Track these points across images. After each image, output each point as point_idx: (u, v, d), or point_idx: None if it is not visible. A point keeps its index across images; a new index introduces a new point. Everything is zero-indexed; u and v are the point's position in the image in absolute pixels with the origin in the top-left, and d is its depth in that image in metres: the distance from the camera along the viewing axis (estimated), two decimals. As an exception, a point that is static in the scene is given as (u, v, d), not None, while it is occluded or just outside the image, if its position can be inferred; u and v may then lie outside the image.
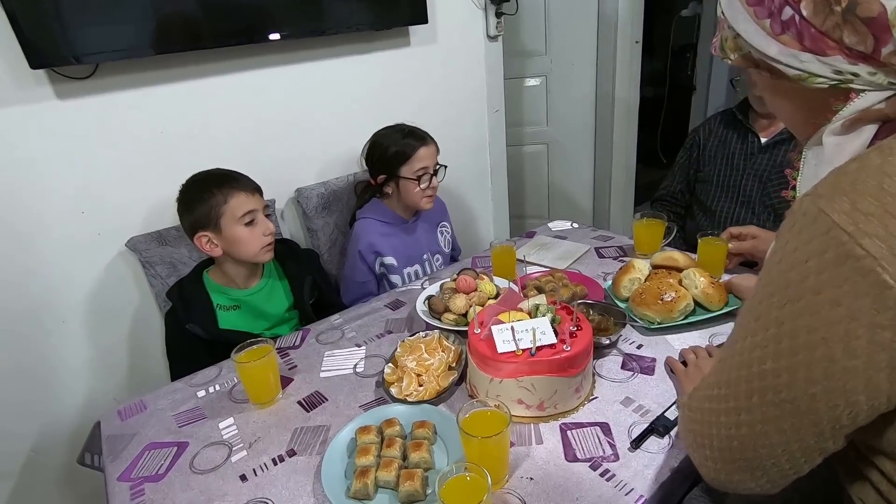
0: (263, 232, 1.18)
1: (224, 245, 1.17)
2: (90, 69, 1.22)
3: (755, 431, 0.48)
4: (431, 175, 1.41)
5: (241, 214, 1.15)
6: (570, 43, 2.62)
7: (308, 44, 1.55)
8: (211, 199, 1.14)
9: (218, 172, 1.21)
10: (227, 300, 1.22)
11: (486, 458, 0.69)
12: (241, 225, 1.15)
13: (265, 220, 1.19)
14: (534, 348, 0.81)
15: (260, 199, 1.20)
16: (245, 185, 1.18)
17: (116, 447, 0.88)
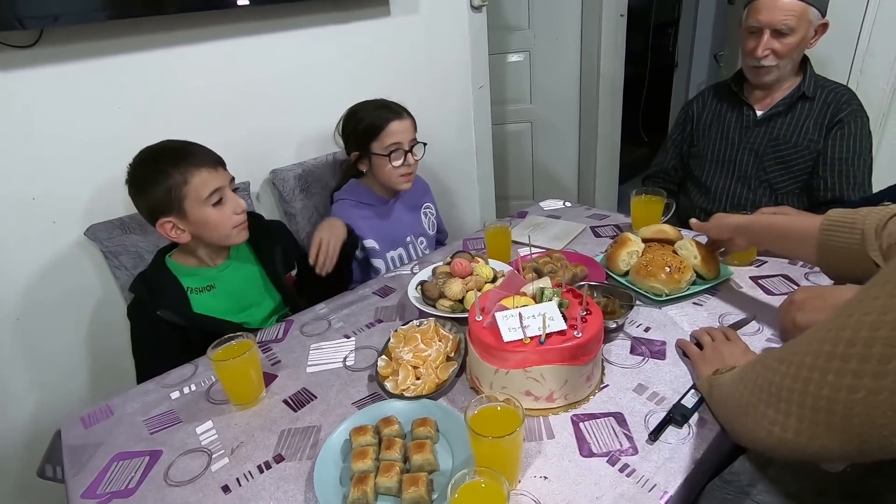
0: (234, 210, 1.06)
1: (192, 230, 1.05)
2: (34, 36, 1.09)
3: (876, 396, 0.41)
4: (406, 152, 1.32)
5: (207, 195, 1.01)
6: (553, 17, 2.53)
7: (281, 11, 1.42)
8: (167, 179, 0.99)
9: (170, 146, 1.04)
10: (198, 282, 1.10)
11: (498, 459, 0.63)
12: (209, 206, 1.02)
13: (234, 197, 1.06)
14: (543, 336, 0.75)
15: (225, 174, 1.06)
16: (205, 158, 1.03)
17: (80, 458, 0.79)
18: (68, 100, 1.17)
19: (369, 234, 1.36)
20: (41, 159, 1.16)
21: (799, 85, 1.38)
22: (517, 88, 2.70)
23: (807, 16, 1.27)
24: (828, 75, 1.43)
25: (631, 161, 3.19)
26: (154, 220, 1.03)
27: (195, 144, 1.06)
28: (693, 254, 1.06)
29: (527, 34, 2.59)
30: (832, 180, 1.34)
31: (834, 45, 1.71)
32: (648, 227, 1.16)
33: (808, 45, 1.33)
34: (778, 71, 1.34)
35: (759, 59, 1.32)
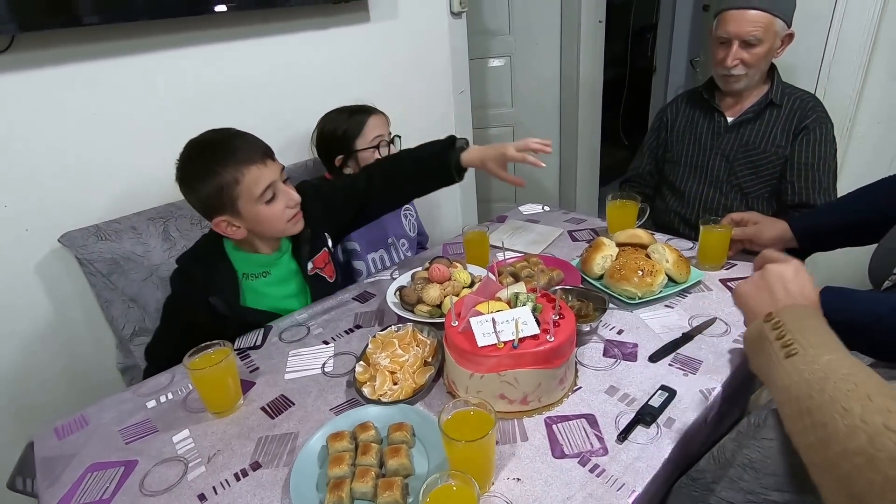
0: (287, 204, 1.02)
1: (247, 226, 1.02)
2: (5, 42, 1.07)
3: None
4: (388, 143, 1.38)
5: (260, 192, 0.98)
6: (533, 22, 2.57)
7: (259, 17, 1.42)
8: (218, 179, 0.95)
9: (217, 141, 0.99)
10: (254, 268, 1.09)
11: (471, 463, 0.65)
12: (262, 203, 0.99)
13: (286, 190, 1.02)
14: (516, 340, 0.76)
15: (275, 165, 1.01)
16: (253, 153, 0.98)
17: (53, 470, 0.78)
18: (42, 106, 1.15)
19: (351, 235, 1.37)
20: (13, 166, 1.14)
21: (767, 92, 1.42)
22: (498, 93, 2.72)
23: (773, 27, 1.31)
24: (796, 83, 1.48)
25: (612, 164, 3.24)
26: (209, 217, 1.01)
27: (241, 136, 1.01)
28: (665, 257, 1.08)
29: (507, 39, 2.62)
30: (799, 185, 1.38)
31: (802, 54, 1.77)
32: (623, 231, 1.19)
33: (775, 54, 1.38)
34: (747, 79, 1.38)
35: (729, 68, 1.36)
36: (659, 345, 0.92)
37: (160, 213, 1.30)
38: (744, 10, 1.31)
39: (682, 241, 1.29)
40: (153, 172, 1.31)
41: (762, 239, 1.15)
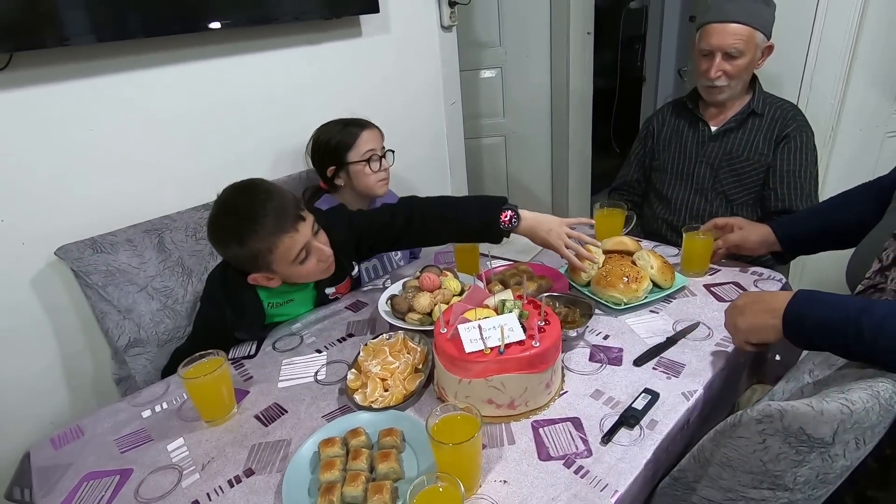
0: (319, 259, 1.03)
1: (281, 279, 1.05)
2: (3, 60, 1.10)
3: None
4: (380, 157, 1.41)
5: (294, 257, 0.99)
6: (523, 34, 2.62)
7: (253, 33, 1.46)
8: (249, 248, 0.96)
9: (246, 207, 0.97)
10: (279, 297, 1.13)
11: (458, 465, 0.66)
12: (295, 265, 1.00)
13: (318, 247, 1.02)
14: (502, 346, 0.79)
15: (305, 226, 0.99)
16: (285, 220, 0.96)
17: (49, 479, 0.79)
18: (38, 122, 1.17)
19: None
20: (10, 180, 1.16)
21: (749, 102, 1.46)
22: (490, 103, 2.76)
23: (754, 39, 1.36)
24: (780, 92, 1.52)
25: (604, 172, 3.27)
26: (244, 272, 1.03)
27: (271, 199, 0.97)
28: (650, 264, 1.11)
29: (498, 51, 2.67)
30: (782, 192, 1.41)
31: (784, 64, 1.81)
32: (609, 238, 1.22)
33: (756, 65, 1.42)
34: (730, 90, 1.42)
35: (712, 79, 1.40)
36: (644, 349, 0.94)
37: (155, 225, 1.32)
38: (725, 23, 1.35)
39: (669, 248, 1.32)
40: (148, 186, 1.33)
41: (748, 244, 1.18)
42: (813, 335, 0.72)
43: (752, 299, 0.83)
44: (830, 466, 0.62)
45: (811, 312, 0.72)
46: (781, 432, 0.60)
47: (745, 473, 0.65)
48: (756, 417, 0.61)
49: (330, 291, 1.20)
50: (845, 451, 0.61)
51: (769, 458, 0.62)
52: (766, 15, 1.37)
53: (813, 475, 0.63)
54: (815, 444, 0.60)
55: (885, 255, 0.78)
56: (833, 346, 0.71)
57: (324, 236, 1.06)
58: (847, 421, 0.59)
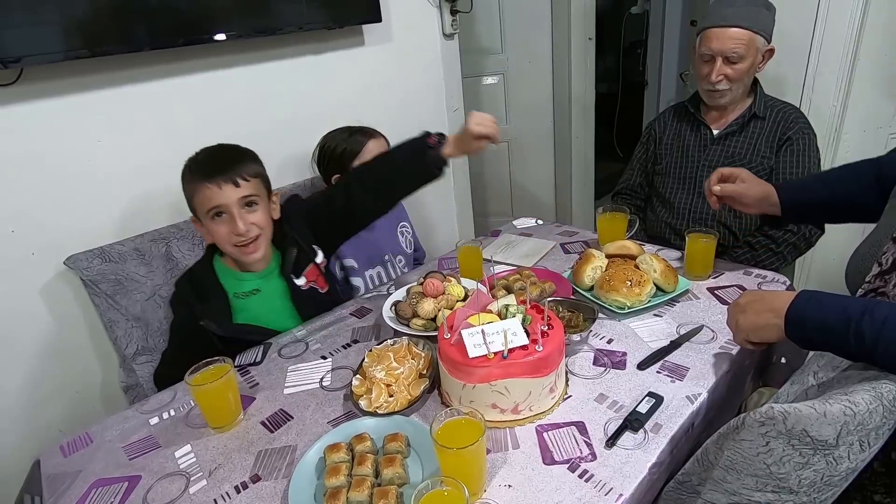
0: (232, 230, 1.05)
1: (209, 235, 1.10)
2: (14, 74, 1.12)
3: None
4: None
5: (206, 210, 1.06)
6: (525, 40, 2.64)
7: (257, 44, 1.48)
8: (188, 185, 1.07)
9: (211, 152, 1.10)
10: (243, 287, 1.13)
11: (463, 470, 0.67)
12: (209, 219, 1.07)
13: (235, 218, 1.05)
14: (505, 351, 0.79)
15: (232, 191, 1.04)
16: (219, 172, 1.04)
17: (59, 487, 0.80)
18: (49, 134, 1.20)
19: (348, 253, 1.40)
20: (21, 192, 1.18)
21: (750, 105, 1.46)
22: (493, 109, 2.78)
23: (754, 43, 1.36)
24: (782, 95, 1.52)
25: (607, 176, 3.28)
26: (191, 212, 1.11)
27: (227, 154, 1.09)
28: (653, 268, 1.11)
29: (500, 58, 2.69)
30: (785, 193, 1.41)
31: (787, 67, 1.82)
32: (612, 243, 1.22)
33: (757, 69, 1.42)
34: (731, 94, 1.43)
35: (713, 83, 1.40)
36: (647, 353, 0.94)
37: (162, 234, 1.33)
38: (726, 27, 1.36)
39: (672, 252, 1.32)
40: (155, 195, 1.35)
41: (746, 198, 1.12)
42: (814, 336, 0.72)
43: (755, 298, 0.82)
44: (835, 469, 0.62)
45: (813, 313, 0.72)
46: (784, 434, 0.60)
47: (749, 476, 0.65)
48: (759, 420, 0.61)
49: (300, 282, 1.17)
50: (849, 452, 0.61)
51: (773, 461, 0.62)
52: (766, 19, 1.38)
53: (818, 477, 0.63)
54: (818, 446, 0.60)
55: (884, 259, 0.78)
56: (835, 348, 0.71)
57: (259, 217, 1.08)
58: (850, 422, 0.59)
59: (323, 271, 1.23)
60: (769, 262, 1.43)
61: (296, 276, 1.17)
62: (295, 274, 1.17)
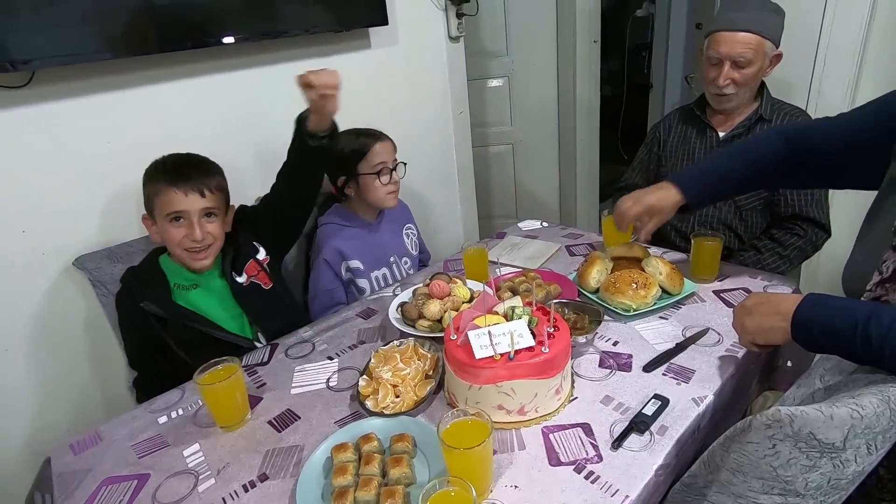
0: (185, 235, 1.11)
1: (159, 235, 1.15)
2: (26, 76, 1.14)
3: None
4: (391, 170, 1.40)
5: (165, 213, 1.11)
6: (530, 44, 2.64)
7: (265, 47, 1.49)
8: (151, 186, 1.12)
9: (178, 158, 1.15)
10: (183, 280, 1.17)
11: (469, 470, 0.67)
12: (166, 223, 1.12)
13: (192, 226, 1.10)
14: (512, 352, 0.79)
15: (196, 200, 1.11)
16: (182, 180, 1.10)
17: (69, 485, 0.81)
18: (59, 136, 1.21)
19: (354, 254, 1.41)
20: (31, 193, 1.20)
21: (757, 108, 1.46)
22: (498, 112, 2.79)
23: (762, 48, 1.36)
24: (788, 98, 1.52)
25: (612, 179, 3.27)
26: (146, 210, 1.15)
27: (193, 165, 1.15)
28: (659, 270, 1.12)
29: (505, 60, 2.70)
30: (792, 197, 1.41)
31: (792, 70, 1.81)
32: (617, 245, 1.23)
33: (764, 73, 1.42)
34: (738, 98, 1.42)
35: (720, 87, 1.40)
36: (653, 355, 0.95)
37: (170, 235, 1.34)
38: (734, 31, 1.35)
39: (678, 254, 1.32)
40: (164, 196, 1.36)
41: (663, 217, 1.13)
42: (821, 339, 0.72)
43: (761, 300, 0.83)
44: (842, 472, 0.62)
45: (819, 316, 0.72)
46: (791, 437, 0.60)
47: (755, 479, 0.65)
48: (765, 422, 0.61)
49: (241, 279, 1.21)
50: (856, 456, 0.61)
51: (779, 464, 0.62)
52: (775, 24, 1.37)
53: (824, 481, 0.63)
54: (825, 448, 0.60)
55: (885, 268, 0.77)
56: (841, 351, 0.71)
57: (215, 228, 1.15)
58: (857, 426, 0.59)
59: (266, 268, 1.27)
60: (775, 265, 1.43)
61: (237, 274, 1.21)
62: (236, 271, 1.21)
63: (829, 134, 1.00)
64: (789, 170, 1.06)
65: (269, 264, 1.28)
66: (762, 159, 1.07)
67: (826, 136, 1.00)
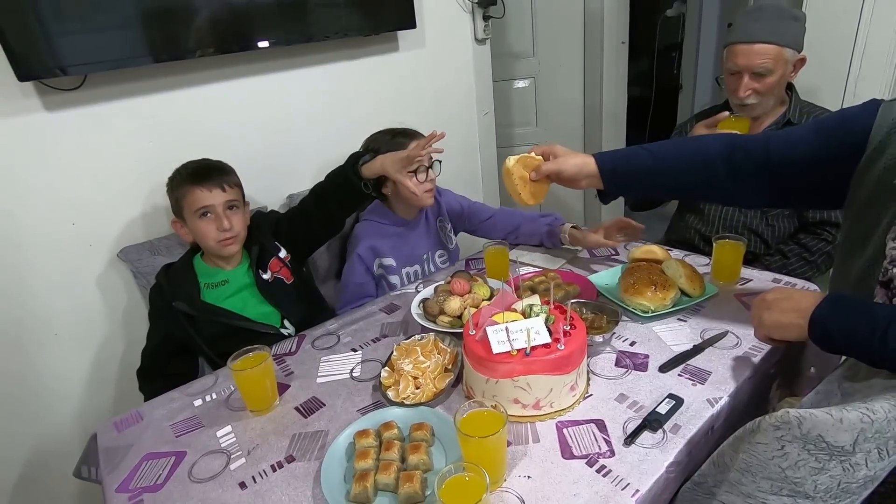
0: (217, 227, 1.20)
1: (191, 234, 1.24)
2: (78, 80, 1.22)
3: None
4: (427, 168, 1.40)
5: (195, 209, 1.20)
6: (557, 45, 2.65)
7: (297, 51, 1.55)
8: (177, 190, 1.21)
9: (197, 163, 1.24)
10: (214, 278, 1.26)
11: (483, 458, 0.70)
12: (197, 218, 1.20)
13: (221, 217, 1.20)
14: (528, 348, 0.82)
15: (220, 194, 1.21)
16: (205, 179, 1.20)
17: (114, 459, 0.88)
18: (106, 136, 1.30)
19: (388, 252, 1.43)
20: (81, 189, 1.29)
21: (784, 112, 1.44)
22: (523, 113, 2.80)
23: (782, 56, 1.33)
24: (821, 102, 1.49)
25: (637, 181, 3.25)
26: (174, 215, 1.25)
27: (213, 167, 1.24)
28: (679, 273, 1.12)
29: (532, 62, 2.71)
30: (820, 202, 1.39)
31: (826, 73, 1.78)
32: (638, 247, 1.24)
33: (788, 78, 1.40)
34: (761, 106, 1.40)
35: (741, 98, 1.38)
36: (670, 356, 0.96)
37: (206, 230, 1.42)
38: (751, 43, 1.33)
39: (701, 258, 1.32)
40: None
41: (564, 172, 1.07)
42: (838, 340, 0.72)
43: (782, 296, 0.82)
44: (852, 476, 0.63)
45: (838, 317, 0.72)
46: (800, 439, 0.61)
47: (764, 479, 0.66)
48: (774, 424, 0.62)
49: (266, 276, 1.29)
50: (867, 460, 0.62)
51: (788, 465, 0.63)
52: (794, 31, 1.34)
53: (834, 484, 0.64)
54: (834, 451, 0.61)
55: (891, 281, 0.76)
56: (858, 354, 0.71)
57: (238, 219, 1.24)
58: (868, 430, 0.60)
59: (288, 265, 1.34)
60: (802, 271, 1.41)
61: (263, 271, 1.29)
62: (261, 269, 1.29)
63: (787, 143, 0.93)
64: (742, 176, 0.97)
65: (290, 261, 1.35)
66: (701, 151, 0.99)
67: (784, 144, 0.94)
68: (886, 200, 0.80)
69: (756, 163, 0.95)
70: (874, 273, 0.79)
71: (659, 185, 1.06)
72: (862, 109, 0.88)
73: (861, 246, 0.85)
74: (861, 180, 0.86)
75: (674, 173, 1.02)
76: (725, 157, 0.97)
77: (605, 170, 1.05)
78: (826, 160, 0.90)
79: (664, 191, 1.15)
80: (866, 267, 0.82)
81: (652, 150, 1.04)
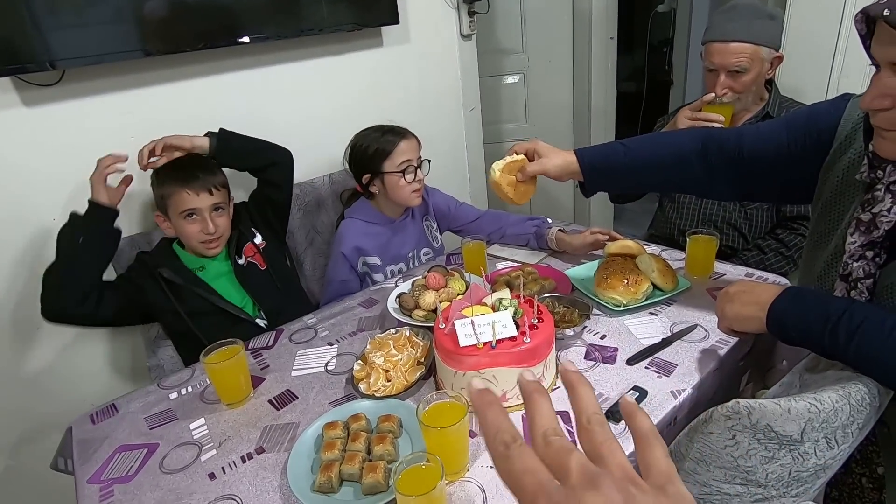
0: (201, 230, 1.22)
1: (174, 230, 1.25)
2: (56, 75, 1.22)
3: None
4: (416, 168, 1.39)
5: (180, 211, 1.21)
6: (546, 40, 2.65)
7: (280, 45, 1.56)
8: (163, 189, 1.22)
9: (183, 162, 1.24)
10: (192, 263, 1.28)
11: (445, 449, 0.71)
12: (182, 219, 1.22)
13: (206, 220, 1.22)
14: (494, 341, 0.83)
15: (206, 198, 1.22)
16: (192, 181, 1.20)
17: (87, 451, 0.89)
18: (86, 131, 1.30)
19: (373, 251, 1.43)
20: (60, 184, 1.29)
21: (763, 107, 1.45)
22: (513, 109, 2.80)
23: (758, 55, 1.34)
24: (804, 98, 1.50)
25: (628, 177, 3.26)
26: (158, 210, 1.26)
27: (201, 167, 1.24)
28: (652, 267, 1.13)
29: (521, 57, 2.71)
30: (797, 197, 1.40)
31: (809, 69, 1.78)
32: (614, 242, 1.25)
33: (766, 75, 1.40)
34: (740, 103, 1.41)
35: (718, 96, 1.39)
36: (638, 349, 0.97)
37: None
38: (727, 42, 1.33)
39: (678, 252, 1.33)
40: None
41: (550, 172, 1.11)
42: (793, 333, 0.74)
43: (744, 289, 0.84)
44: (802, 464, 0.64)
45: (795, 310, 0.74)
46: (750, 429, 0.63)
47: (718, 468, 0.68)
48: (725, 414, 0.64)
49: (241, 261, 1.32)
50: (815, 449, 0.63)
51: (740, 454, 0.65)
52: (770, 29, 1.35)
53: (785, 472, 0.65)
54: (783, 441, 0.62)
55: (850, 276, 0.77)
56: (812, 346, 0.73)
57: (223, 220, 1.26)
58: (815, 419, 0.61)
59: (261, 251, 1.37)
60: (779, 265, 1.43)
61: (238, 257, 1.32)
62: (237, 254, 1.33)
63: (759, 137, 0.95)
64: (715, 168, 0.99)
65: (266, 248, 1.38)
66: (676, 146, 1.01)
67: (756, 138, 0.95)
68: (850, 195, 0.82)
69: (729, 157, 0.97)
70: (836, 266, 0.81)
71: (636, 180, 1.09)
72: (831, 105, 0.89)
73: (826, 240, 0.86)
74: (827, 175, 0.87)
75: (649, 168, 1.04)
76: (700, 151, 0.99)
77: (585, 166, 1.07)
78: (795, 155, 0.91)
79: (642, 185, 1.17)
80: (829, 260, 0.84)
81: (628, 146, 1.06)
